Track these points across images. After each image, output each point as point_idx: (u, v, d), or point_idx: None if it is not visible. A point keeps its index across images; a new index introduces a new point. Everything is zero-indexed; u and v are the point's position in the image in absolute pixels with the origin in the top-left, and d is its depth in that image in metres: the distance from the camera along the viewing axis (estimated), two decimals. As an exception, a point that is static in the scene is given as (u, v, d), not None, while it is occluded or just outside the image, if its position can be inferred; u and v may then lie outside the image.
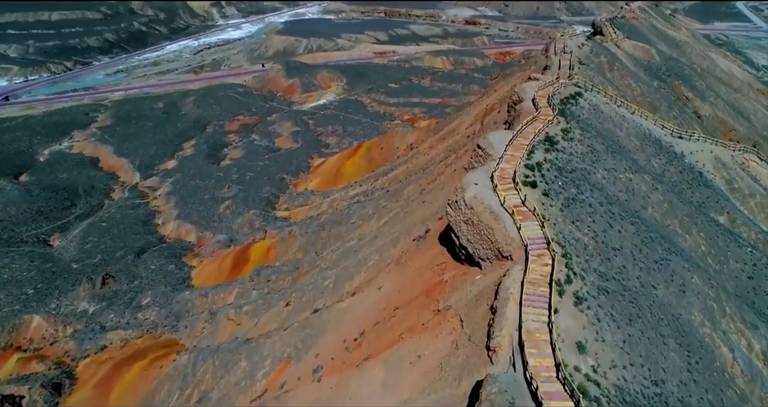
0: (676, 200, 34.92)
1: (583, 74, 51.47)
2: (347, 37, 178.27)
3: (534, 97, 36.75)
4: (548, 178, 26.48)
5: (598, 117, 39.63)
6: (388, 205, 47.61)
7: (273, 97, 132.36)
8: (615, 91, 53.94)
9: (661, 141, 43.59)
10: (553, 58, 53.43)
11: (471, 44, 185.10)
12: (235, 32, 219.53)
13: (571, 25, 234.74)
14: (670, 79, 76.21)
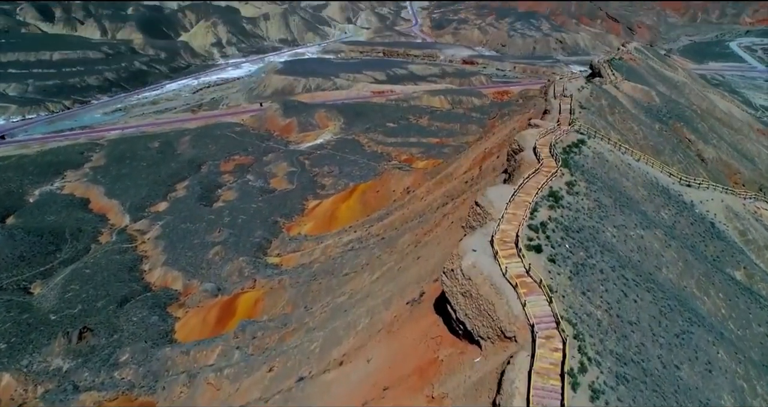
0: (690, 257, 32.25)
1: (584, 119, 49.57)
2: (345, 76, 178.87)
3: (535, 146, 34.55)
4: (554, 240, 23.89)
5: (603, 166, 37.35)
6: (382, 256, 44.91)
7: (270, 137, 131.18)
8: (618, 136, 51.98)
9: (670, 190, 41.23)
10: (552, 102, 51.64)
11: (469, 83, 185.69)
12: (235, 71, 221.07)
13: (567, 64, 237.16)
14: (672, 122, 74.61)
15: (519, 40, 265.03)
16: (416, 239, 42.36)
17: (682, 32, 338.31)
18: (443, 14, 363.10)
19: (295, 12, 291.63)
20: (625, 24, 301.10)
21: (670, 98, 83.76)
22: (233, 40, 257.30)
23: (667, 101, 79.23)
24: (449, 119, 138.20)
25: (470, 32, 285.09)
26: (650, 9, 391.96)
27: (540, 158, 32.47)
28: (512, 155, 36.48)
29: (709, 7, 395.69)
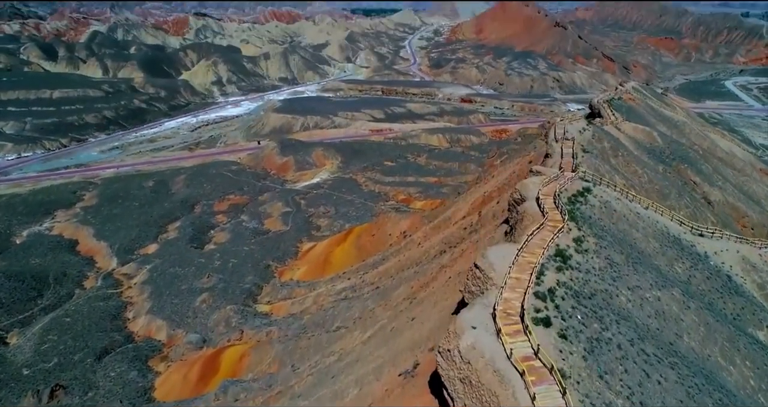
0: (711, 319, 29.30)
1: (587, 163, 47.32)
2: (344, 114, 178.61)
3: (538, 196, 32.06)
4: (564, 310, 21.07)
5: (611, 217, 34.78)
6: (376, 309, 41.85)
7: (266, 176, 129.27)
8: (623, 181, 49.62)
9: (682, 241, 38.55)
10: (554, 146, 49.51)
11: (467, 122, 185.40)
12: (234, 109, 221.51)
13: (564, 102, 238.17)
14: (675, 163, 72.55)
15: (516, 78, 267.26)
16: (412, 293, 39.42)
17: (677, 71, 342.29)
18: (441, 53, 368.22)
19: (295, 51, 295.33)
20: (620, 63, 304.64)
21: (672, 139, 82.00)
22: (233, 78, 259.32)
23: (670, 142, 77.40)
24: (447, 157, 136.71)
25: (468, 71, 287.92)
26: (645, 49, 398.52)
27: (544, 210, 29.92)
28: (513, 206, 33.96)
29: (703, 47, 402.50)
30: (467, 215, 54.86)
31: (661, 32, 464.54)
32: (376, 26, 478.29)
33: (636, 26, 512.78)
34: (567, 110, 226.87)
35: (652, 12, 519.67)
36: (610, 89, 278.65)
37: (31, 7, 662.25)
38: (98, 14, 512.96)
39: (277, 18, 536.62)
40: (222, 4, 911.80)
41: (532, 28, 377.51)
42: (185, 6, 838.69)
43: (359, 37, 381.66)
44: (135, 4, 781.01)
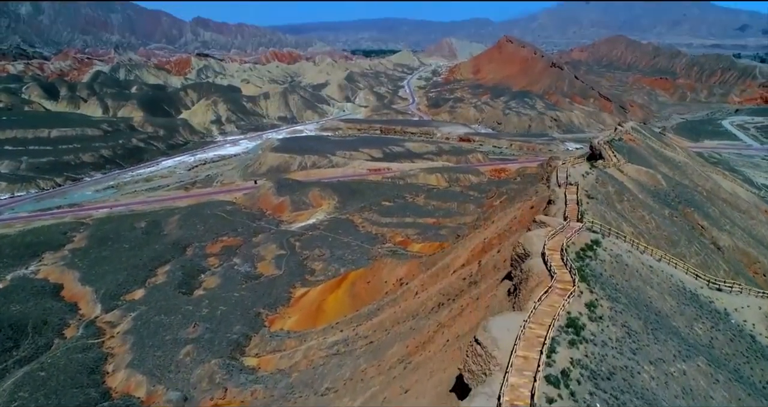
0: (742, 393, 25.99)
1: (593, 210, 44.65)
2: (342, 153, 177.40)
3: (544, 251, 29.21)
4: (581, 397, 17.90)
5: (623, 272, 31.82)
6: (368, 369, 38.37)
7: (262, 216, 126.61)
8: (630, 228, 46.84)
9: (699, 297, 35.47)
10: (557, 191, 46.96)
11: (465, 161, 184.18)
12: (233, 148, 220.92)
13: (563, 141, 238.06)
14: (681, 207, 70.00)
15: (514, 118, 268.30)
16: (407, 354, 36.04)
17: (674, 111, 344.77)
18: (439, 93, 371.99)
19: (294, 91, 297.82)
20: (617, 103, 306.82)
21: (677, 182, 79.76)
22: (233, 117, 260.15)
23: (675, 185, 75.10)
24: (446, 197, 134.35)
25: (466, 110, 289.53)
26: (640, 89, 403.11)
27: (551, 269, 27.00)
28: (517, 261, 31.08)
29: (698, 87, 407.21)
30: (466, 263, 51.84)
31: (656, 73, 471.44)
32: (375, 67, 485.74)
33: (631, 67, 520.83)
34: (565, 149, 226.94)
35: (646, 53, 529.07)
36: (608, 128, 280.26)
37: (37, 48, 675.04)
38: (102, 55, 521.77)
39: (278, 59, 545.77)
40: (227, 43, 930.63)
41: (529, 68, 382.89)
42: (189, 47, 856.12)
43: (358, 77, 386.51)
44: (139, 45, 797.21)
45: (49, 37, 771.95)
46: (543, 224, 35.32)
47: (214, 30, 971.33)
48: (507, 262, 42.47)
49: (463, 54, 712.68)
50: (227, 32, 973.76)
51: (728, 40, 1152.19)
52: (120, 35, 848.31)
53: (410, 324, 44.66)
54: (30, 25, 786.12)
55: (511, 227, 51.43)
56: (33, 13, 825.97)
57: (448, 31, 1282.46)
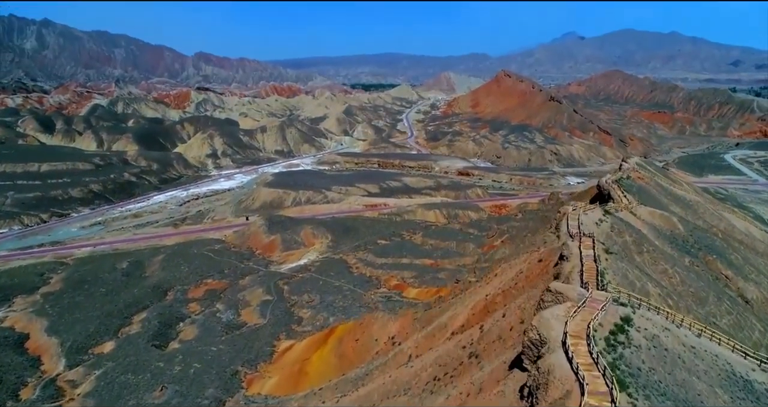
0: None
1: (613, 269, 38.24)
2: (337, 189, 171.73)
3: (565, 340, 22.73)
4: None
5: (664, 362, 25.20)
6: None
7: (251, 256, 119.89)
8: (656, 289, 40.29)
9: (753, 384, 28.70)
10: (570, 245, 40.61)
11: (464, 196, 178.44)
12: (227, 182, 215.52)
13: (563, 175, 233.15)
14: (702, 254, 63.57)
15: (514, 151, 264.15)
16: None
17: (673, 144, 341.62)
18: (438, 127, 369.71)
19: (292, 124, 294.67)
20: (617, 136, 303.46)
21: (694, 225, 73.51)
22: (229, 151, 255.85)
23: (692, 229, 68.82)
24: (444, 235, 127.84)
25: (465, 144, 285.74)
26: (639, 122, 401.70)
27: (577, 370, 20.47)
28: (531, 348, 24.55)
29: (696, 120, 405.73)
30: (466, 324, 45.12)
31: (654, 106, 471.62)
32: (374, 100, 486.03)
33: (628, 101, 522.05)
34: (566, 183, 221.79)
35: (644, 87, 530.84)
36: (609, 162, 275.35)
37: (39, 81, 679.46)
38: (103, 88, 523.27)
39: (278, 92, 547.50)
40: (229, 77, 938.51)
41: (527, 102, 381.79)
42: (190, 81, 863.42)
43: (357, 110, 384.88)
44: (142, 79, 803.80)
45: (52, 72, 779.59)
46: (559, 296, 28.85)
47: (216, 64, 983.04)
48: (514, 330, 35.86)
49: (461, 88, 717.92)
50: (228, 67, 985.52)
51: (722, 74, 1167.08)
52: (123, 69, 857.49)
53: (402, 401, 37.72)
54: (34, 60, 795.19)
55: (516, 283, 44.92)
56: (37, 48, 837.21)
57: (447, 65, 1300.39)
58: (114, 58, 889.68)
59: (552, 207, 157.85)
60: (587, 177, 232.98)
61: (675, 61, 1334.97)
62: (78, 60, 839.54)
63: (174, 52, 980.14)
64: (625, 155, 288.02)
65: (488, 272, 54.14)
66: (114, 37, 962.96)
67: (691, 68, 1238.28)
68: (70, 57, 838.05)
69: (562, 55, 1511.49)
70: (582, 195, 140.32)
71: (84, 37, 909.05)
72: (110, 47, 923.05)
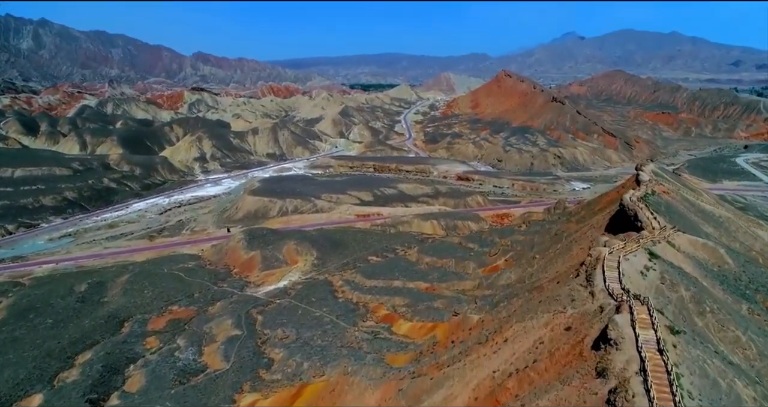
0: None
1: (688, 363, 25.43)
2: (328, 196, 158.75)
3: None
4: None
5: None
6: None
7: (227, 275, 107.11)
8: (749, 390, 27.45)
9: None
10: (619, 324, 27.69)
11: (464, 204, 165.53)
12: (213, 188, 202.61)
13: (568, 180, 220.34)
14: (760, 297, 50.71)
15: (516, 155, 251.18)
16: None
17: (680, 147, 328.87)
18: (437, 128, 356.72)
19: (285, 126, 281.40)
20: (622, 139, 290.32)
21: (748, 257, 60.60)
22: (218, 154, 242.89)
23: (743, 263, 55.90)
24: (442, 251, 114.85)
25: (464, 147, 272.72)
26: (643, 123, 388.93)
27: None
28: None
29: (702, 122, 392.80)
30: None
31: (657, 107, 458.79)
32: (372, 101, 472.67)
33: (630, 101, 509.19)
34: (571, 188, 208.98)
35: (646, 88, 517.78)
36: (615, 165, 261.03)
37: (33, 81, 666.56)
38: (97, 88, 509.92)
39: (275, 93, 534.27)
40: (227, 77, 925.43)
41: (529, 103, 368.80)
42: (188, 81, 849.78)
43: (353, 111, 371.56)
44: (138, 79, 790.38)
45: (48, 72, 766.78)
46: None
47: (214, 64, 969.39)
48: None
49: (460, 88, 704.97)
50: (227, 67, 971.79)
51: (723, 75, 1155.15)
52: (120, 69, 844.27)
53: None
54: (30, 60, 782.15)
55: (536, 362, 32.02)
56: (34, 48, 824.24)
57: (447, 65, 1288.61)
58: (111, 58, 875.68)
59: (558, 217, 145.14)
60: (592, 182, 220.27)
61: (675, 62, 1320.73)
62: (74, 60, 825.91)
63: (172, 53, 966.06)
64: (631, 159, 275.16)
65: (494, 331, 41.23)
66: (112, 37, 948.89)
67: (692, 68, 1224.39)
68: (67, 57, 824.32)
69: (562, 55, 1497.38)
70: (592, 207, 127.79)
71: (81, 37, 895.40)
72: (108, 47, 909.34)
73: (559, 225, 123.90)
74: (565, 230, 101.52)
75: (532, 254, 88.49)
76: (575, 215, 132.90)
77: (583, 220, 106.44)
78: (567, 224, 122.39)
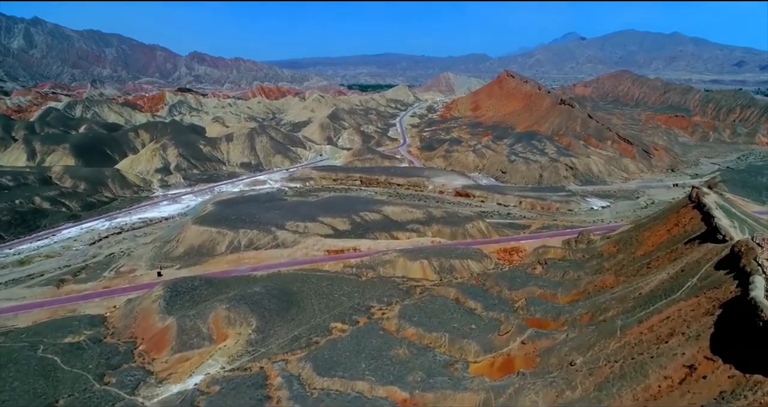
0: None
1: None
2: (293, 225, 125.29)
3: None
4: None
5: None
6: None
7: (128, 358, 73.79)
8: None
9: None
10: None
11: (463, 233, 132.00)
12: (169, 208, 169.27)
13: (584, 197, 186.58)
14: None
15: (522, 165, 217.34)
16: None
17: (699, 154, 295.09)
18: (434, 132, 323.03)
19: (264, 132, 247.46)
20: (639, 146, 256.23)
21: None
22: (183, 165, 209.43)
23: None
24: (432, 315, 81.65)
25: (464, 155, 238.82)
26: (656, 127, 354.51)
27: None
28: None
29: (719, 126, 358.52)
30: None
31: (668, 109, 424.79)
32: (367, 102, 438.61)
33: (639, 103, 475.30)
34: (589, 207, 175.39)
35: (655, 89, 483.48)
36: (632, 177, 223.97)
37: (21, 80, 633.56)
38: (78, 89, 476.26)
39: (266, 94, 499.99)
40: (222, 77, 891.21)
41: (534, 105, 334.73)
42: (182, 81, 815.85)
43: (345, 114, 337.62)
44: (129, 79, 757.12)
45: (37, 71, 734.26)
46: None
47: (210, 64, 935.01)
48: None
49: (460, 89, 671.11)
50: (223, 67, 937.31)
51: (726, 75, 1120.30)
52: (112, 69, 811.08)
53: None
54: (19, 59, 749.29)
55: None
56: (25, 47, 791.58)
57: (446, 66, 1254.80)
58: (104, 58, 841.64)
59: (583, 256, 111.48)
60: (611, 198, 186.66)
61: (678, 62, 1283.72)
62: (66, 60, 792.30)
63: (167, 52, 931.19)
64: (650, 169, 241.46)
65: None
66: (106, 36, 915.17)
67: (695, 69, 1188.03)
68: (57, 56, 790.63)
69: (562, 55, 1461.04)
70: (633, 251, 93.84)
71: (74, 37, 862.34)
72: (101, 47, 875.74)
73: (592, 279, 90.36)
74: (607, 305, 67.58)
75: (570, 359, 54.86)
76: (609, 260, 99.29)
77: (623, 270, 73.24)
78: (604, 277, 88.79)
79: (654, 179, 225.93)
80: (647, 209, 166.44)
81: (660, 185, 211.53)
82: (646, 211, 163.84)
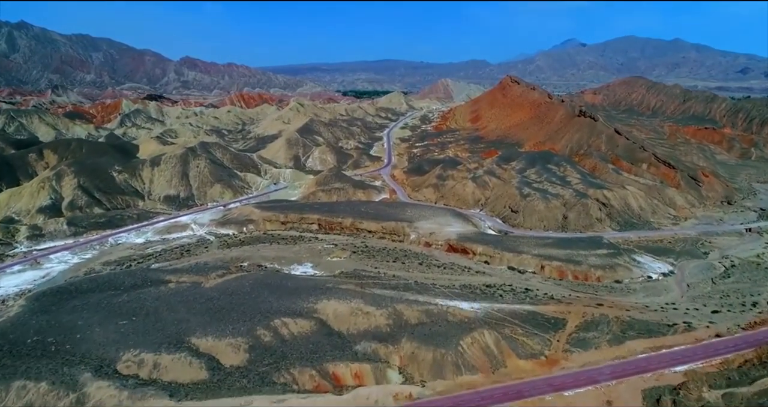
0: None
1: None
2: (129, 363, 64.64)
3: None
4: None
5: None
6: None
7: None
8: None
9: None
10: None
11: (454, 372, 71.96)
12: (17, 277, 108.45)
13: (629, 253, 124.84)
14: None
15: (539, 202, 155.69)
16: None
17: (746, 175, 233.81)
18: (426, 149, 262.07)
19: (204, 153, 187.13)
20: (683, 170, 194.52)
21: None
22: (82, 201, 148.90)
23: None
24: None
25: (461, 185, 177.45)
26: (686, 143, 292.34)
27: None
28: None
29: (758, 140, 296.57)
30: None
31: (690, 120, 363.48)
32: (353, 112, 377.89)
33: (656, 112, 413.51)
34: (644, 274, 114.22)
35: (674, 97, 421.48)
36: (681, 214, 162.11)
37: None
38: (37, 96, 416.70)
39: (245, 101, 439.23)
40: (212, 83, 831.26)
41: (544, 117, 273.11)
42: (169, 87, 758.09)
43: (321, 127, 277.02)
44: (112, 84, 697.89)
45: (16, 77, 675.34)
46: None
47: (202, 70, 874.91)
48: None
49: (459, 96, 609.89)
50: (215, 72, 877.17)
51: (732, 82, 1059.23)
52: (96, 74, 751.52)
53: None
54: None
55: None
56: (6, 52, 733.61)
57: (445, 72, 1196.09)
58: (89, 63, 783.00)
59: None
60: (670, 255, 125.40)
61: (680, 69, 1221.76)
62: (48, 64, 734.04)
63: (157, 57, 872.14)
64: (701, 202, 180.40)
65: None
66: (95, 40, 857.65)
67: (698, 76, 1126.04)
68: (40, 61, 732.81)
69: (563, 62, 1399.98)
70: None
71: (61, 41, 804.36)
72: (88, 51, 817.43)
73: None
74: None
75: None
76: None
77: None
78: None
79: (709, 216, 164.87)
80: (731, 280, 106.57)
81: (725, 230, 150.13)
82: (729, 283, 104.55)
